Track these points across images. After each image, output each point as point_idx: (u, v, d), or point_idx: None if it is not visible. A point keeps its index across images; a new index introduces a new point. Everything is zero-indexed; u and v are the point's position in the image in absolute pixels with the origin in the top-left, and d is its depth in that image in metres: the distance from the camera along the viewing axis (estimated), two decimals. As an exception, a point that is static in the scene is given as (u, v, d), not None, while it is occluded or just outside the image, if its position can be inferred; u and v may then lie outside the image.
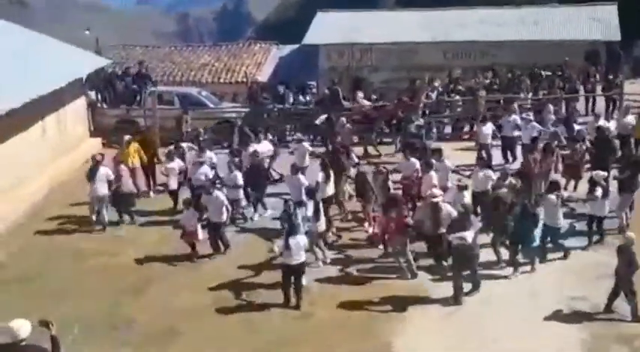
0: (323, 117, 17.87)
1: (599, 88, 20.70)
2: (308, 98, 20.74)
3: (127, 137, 15.44)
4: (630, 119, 16.61)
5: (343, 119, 17.69)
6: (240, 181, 13.53)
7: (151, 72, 22.41)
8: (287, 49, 26.66)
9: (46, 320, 6.60)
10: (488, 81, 21.00)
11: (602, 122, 16.31)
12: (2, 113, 12.91)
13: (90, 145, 18.86)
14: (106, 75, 21.07)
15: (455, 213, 11.03)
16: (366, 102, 20.05)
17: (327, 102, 20.41)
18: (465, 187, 12.35)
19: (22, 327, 6.39)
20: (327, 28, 24.28)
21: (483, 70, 21.37)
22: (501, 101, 19.73)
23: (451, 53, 23.21)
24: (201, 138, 16.52)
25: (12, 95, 13.70)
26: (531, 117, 17.01)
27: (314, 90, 22.15)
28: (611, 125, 16.42)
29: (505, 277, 11.10)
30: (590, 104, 20.46)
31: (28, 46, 17.06)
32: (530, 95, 20.23)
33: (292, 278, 10.39)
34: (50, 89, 15.34)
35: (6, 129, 14.10)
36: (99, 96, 21.04)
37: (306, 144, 16.08)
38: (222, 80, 23.74)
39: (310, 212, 11.71)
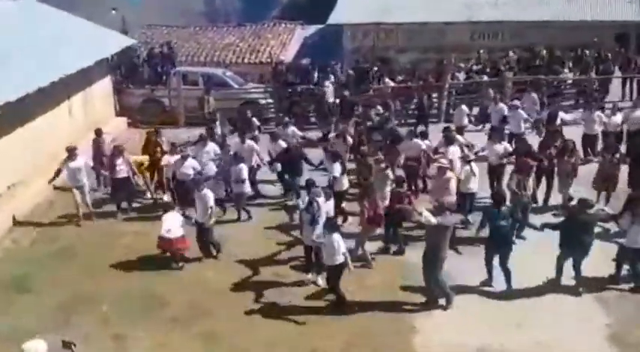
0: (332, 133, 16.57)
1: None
2: (332, 78, 20.63)
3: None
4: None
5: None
6: (245, 175, 13.00)
7: (176, 52, 22.47)
8: (312, 29, 26.49)
9: (68, 340, 6.60)
10: (515, 60, 20.82)
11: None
12: (31, 91, 13.05)
13: (116, 124, 19.04)
14: (132, 54, 21.16)
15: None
16: (392, 84, 19.94)
17: (351, 83, 20.40)
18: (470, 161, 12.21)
19: (38, 348, 6.38)
20: (352, 8, 24.04)
21: (525, 50, 21.24)
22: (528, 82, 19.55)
23: (479, 34, 22.86)
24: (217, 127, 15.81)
25: (40, 74, 13.84)
26: (518, 104, 16.46)
27: (338, 71, 22.01)
28: (617, 118, 15.56)
29: (532, 263, 10.94)
30: (628, 89, 20.07)
31: (54, 26, 17.18)
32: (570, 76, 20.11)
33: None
34: (77, 68, 15.46)
35: (35, 107, 14.30)
36: (125, 76, 21.21)
37: (294, 128, 15.63)
38: (246, 60, 23.69)
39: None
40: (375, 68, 20.68)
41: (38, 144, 14.47)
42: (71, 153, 12.98)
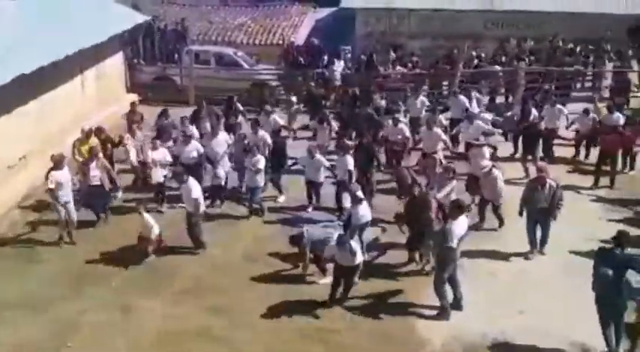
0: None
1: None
2: (342, 63, 20.64)
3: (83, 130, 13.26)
4: None
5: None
6: (262, 166, 12.39)
7: (189, 30, 22.47)
8: (324, 12, 26.41)
9: None
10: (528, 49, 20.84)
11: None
12: (45, 64, 13.12)
13: (127, 101, 19.08)
14: (144, 31, 21.16)
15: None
16: (403, 70, 19.96)
17: (362, 68, 20.42)
18: None
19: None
20: (365, -8, 23.94)
21: (538, 41, 21.29)
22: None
23: (492, 22, 22.75)
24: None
25: (53, 48, 13.88)
26: (482, 98, 16.51)
27: (348, 55, 22.02)
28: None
29: (541, 252, 11.09)
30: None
31: (67, 1, 17.17)
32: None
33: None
34: (89, 44, 15.48)
35: (48, 81, 14.39)
36: (137, 52, 21.23)
37: (276, 116, 15.10)
38: (257, 42, 23.65)
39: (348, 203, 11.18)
40: (392, 53, 20.67)
41: (51, 117, 14.59)
42: (57, 163, 11.28)
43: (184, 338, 8.99)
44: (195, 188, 10.94)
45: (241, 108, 16.07)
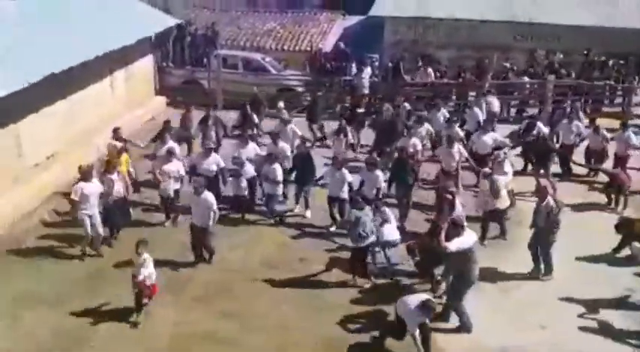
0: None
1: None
2: (369, 71, 20.61)
3: (116, 144, 12.95)
4: None
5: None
6: (280, 176, 12.43)
7: (219, 35, 22.64)
8: (353, 20, 26.45)
9: None
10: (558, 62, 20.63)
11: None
12: (76, 64, 13.30)
13: (155, 103, 19.33)
14: (175, 35, 21.38)
15: None
16: (433, 77, 19.83)
17: (389, 77, 20.39)
18: None
19: None
20: (395, 1, 23.91)
21: (567, 53, 21.06)
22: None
23: (521, 34, 22.55)
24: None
25: (84, 49, 14.11)
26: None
27: (376, 63, 22.02)
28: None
29: (565, 264, 10.94)
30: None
31: (99, 3, 17.42)
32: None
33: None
34: (119, 45, 15.67)
35: (79, 82, 14.61)
36: (167, 56, 21.45)
37: (294, 126, 14.73)
38: (286, 48, 23.74)
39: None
40: (420, 62, 20.55)
41: (80, 116, 14.79)
42: (86, 174, 11.05)
43: (195, 342, 9.05)
44: (211, 200, 10.73)
45: (256, 120, 15.88)
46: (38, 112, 13.25)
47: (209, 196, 10.74)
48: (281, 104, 16.76)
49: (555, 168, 14.85)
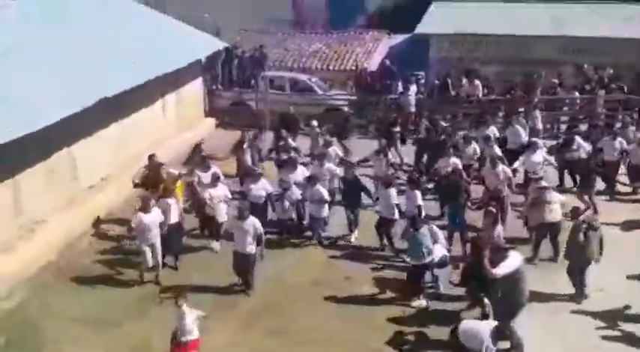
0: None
1: None
2: (415, 88, 20.62)
3: (174, 173, 12.94)
4: None
5: None
6: (325, 196, 12.36)
7: (267, 56, 23.01)
8: (398, 39, 26.51)
9: None
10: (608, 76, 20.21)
11: None
12: (128, 88, 13.74)
13: (205, 125, 19.75)
14: (224, 58, 21.84)
15: None
16: (480, 89, 19.67)
17: (435, 93, 20.37)
18: None
19: None
20: (440, 18, 23.87)
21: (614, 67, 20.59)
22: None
23: (566, 48, 22.21)
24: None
25: (136, 73, 14.56)
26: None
27: (422, 80, 22.03)
28: None
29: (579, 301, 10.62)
30: None
31: (150, 26, 17.93)
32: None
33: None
34: (170, 69, 16.10)
35: (132, 105, 15.10)
36: (215, 78, 21.91)
37: (335, 147, 14.78)
38: (331, 67, 23.96)
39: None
40: (465, 78, 20.38)
41: (132, 139, 15.22)
42: (145, 203, 11.08)
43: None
44: (257, 224, 10.61)
45: (294, 144, 15.42)
46: (92, 135, 13.72)
47: (255, 222, 10.63)
48: (314, 122, 16.66)
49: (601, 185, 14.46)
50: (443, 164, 13.58)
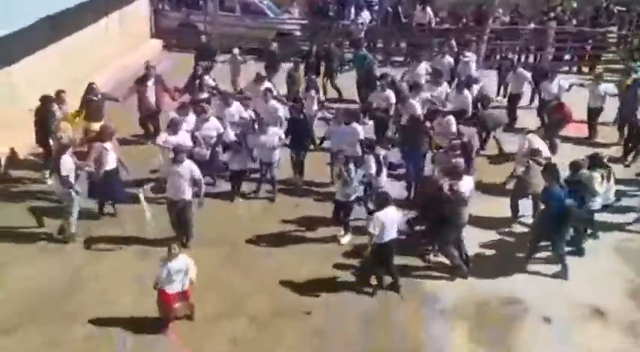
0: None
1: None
2: (368, 15, 20.27)
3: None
4: None
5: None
6: (277, 142, 11.18)
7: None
8: (353, -38, 25.77)
9: None
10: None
11: None
12: (72, 6, 13.09)
13: (151, 46, 19.06)
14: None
15: None
16: (432, 16, 19.47)
17: (389, 21, 20.09)
18: None
19: None
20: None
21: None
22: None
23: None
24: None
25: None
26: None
27: (375, 7, 21.65)
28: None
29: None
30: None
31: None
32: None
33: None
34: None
35: (74, 24, 14.40)
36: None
37: (313, 93, 13.57)
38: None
39: (372, 168, 10.20)
40: (418, 7, 20.04)
41: (74, 59, 14.58)
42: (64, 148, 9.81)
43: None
44: (195, 169, 9.56)
45: (213, 83, 13.85)
46: (34, 55, 13.11)
47: (192, 165, 9.58)
48: (235, 50, 16.07)
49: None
50: (375, 98, 13.25)
